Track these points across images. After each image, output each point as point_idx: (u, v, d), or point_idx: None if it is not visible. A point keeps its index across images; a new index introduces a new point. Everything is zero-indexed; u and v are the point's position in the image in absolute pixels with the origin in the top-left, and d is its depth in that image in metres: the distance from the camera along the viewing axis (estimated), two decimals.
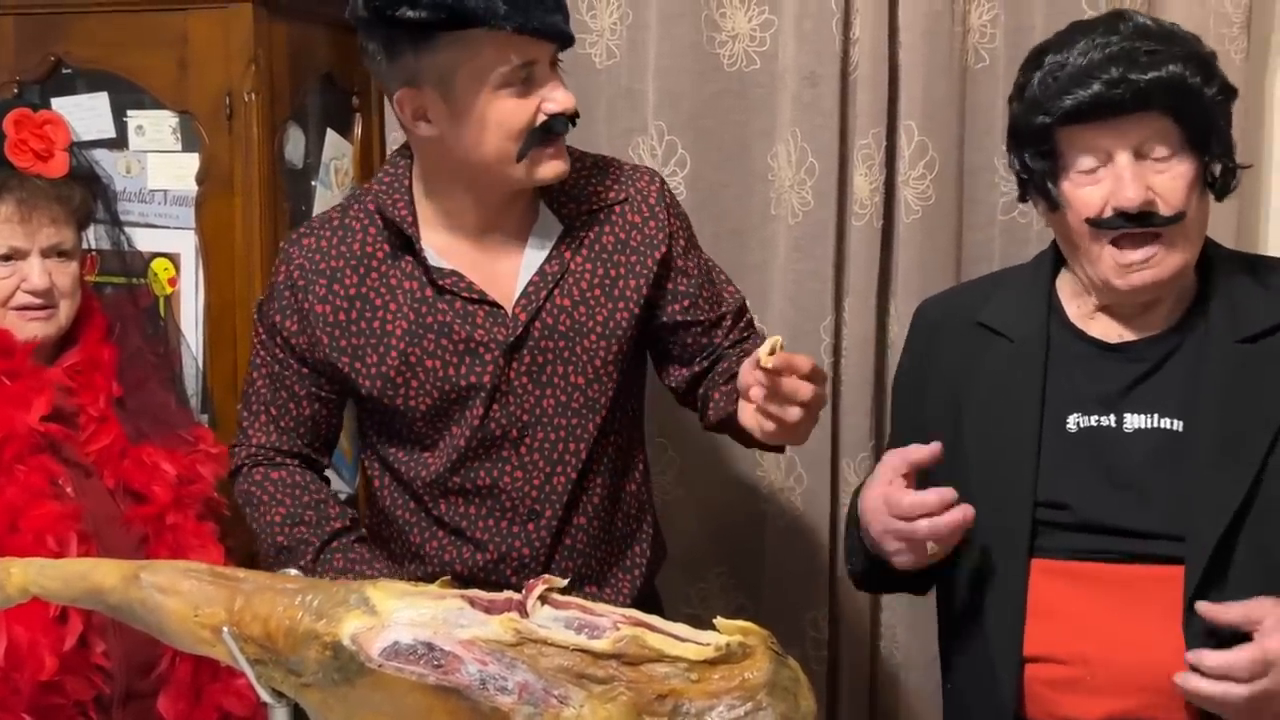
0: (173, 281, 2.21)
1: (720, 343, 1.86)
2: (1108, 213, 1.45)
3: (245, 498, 1.84)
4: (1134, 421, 1.47)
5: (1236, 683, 1.30)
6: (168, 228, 2.21)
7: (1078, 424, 1.50)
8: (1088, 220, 1.46)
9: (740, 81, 2.32)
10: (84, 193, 1.87)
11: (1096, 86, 1.41)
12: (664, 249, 1.79)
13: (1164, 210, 1.43)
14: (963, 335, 1.62)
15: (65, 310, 1.82)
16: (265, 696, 1.27)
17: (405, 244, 1.75)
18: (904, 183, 2.27)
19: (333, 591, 1.24)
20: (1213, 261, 1.51)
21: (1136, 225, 1.43)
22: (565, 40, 1.70)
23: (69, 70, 2.23)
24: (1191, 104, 1.42)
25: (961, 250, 2.30)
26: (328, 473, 1.94)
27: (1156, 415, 1.47)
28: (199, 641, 1.28)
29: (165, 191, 2.22)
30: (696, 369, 1.86)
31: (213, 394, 2.18)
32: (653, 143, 2.32)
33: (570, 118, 1.70)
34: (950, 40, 2.23)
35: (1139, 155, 1.43)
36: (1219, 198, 1.47)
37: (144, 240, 2.16)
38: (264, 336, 1.82)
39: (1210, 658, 1.31)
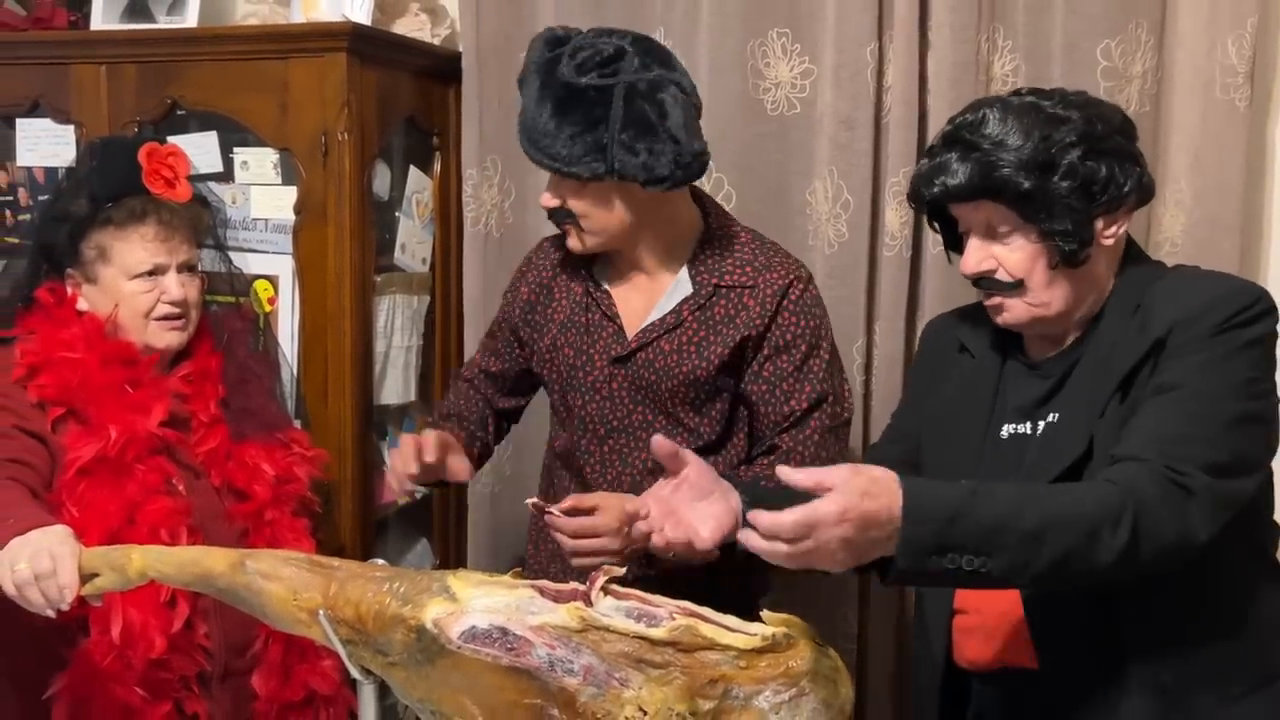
0: (272, 301, 2.24)
1: (768, 436, 1.87)
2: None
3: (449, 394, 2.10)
4: (1041, 426, 1.52)
5: (782, 541, 1.23)
6: (268, 252, 2.25)
7: (1008, 432, 1.55)
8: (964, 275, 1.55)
9: (782, 125, 2.32)
10: (206, 214, 1.93)
11: (927, 189, 1.49)
12: (753, 333, 1.82)
13: (1003, 276, 1.49)
14: (944, 352, 1.67)
15: (194, 320, 1.87)
16: (355, 673, 1.29)
17: (585, 262, 1.89)
18: None
19: (417, 579, 1.25)
20: (1124, 279, 1.52)
21: (983, 288, 1.52)
22: (543, 167, 1.75)
23: (183, 112, 2.28)
24: (1009, 195, 1.44)
25: None
26: None
27: (1053, 415, 1.51)
28: (296, 623, 1.30)
29: (266, 220, 2.26)
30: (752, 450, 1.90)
31: (306, 402, 2.20)
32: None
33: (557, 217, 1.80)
34: (975, 88, 2.22)
35: (989, 230, 1.49)
36: (1070, 267, 1.47)
37: (246, 263, 2.20)
38: (501, 309, 2.03)
39: (762, 519, 1.23)
